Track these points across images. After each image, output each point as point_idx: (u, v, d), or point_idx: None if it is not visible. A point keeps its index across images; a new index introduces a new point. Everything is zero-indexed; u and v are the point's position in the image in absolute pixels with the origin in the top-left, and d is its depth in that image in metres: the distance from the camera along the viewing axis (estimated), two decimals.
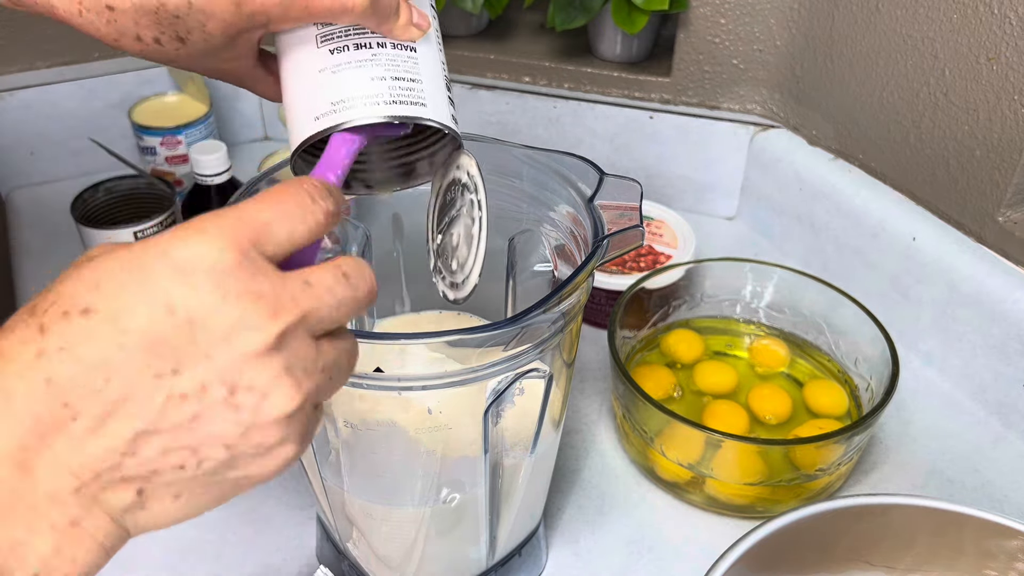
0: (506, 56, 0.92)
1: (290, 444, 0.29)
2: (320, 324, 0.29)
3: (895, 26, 0.70)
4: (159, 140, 0.89)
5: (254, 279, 0.27)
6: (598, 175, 0.47)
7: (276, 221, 0.29)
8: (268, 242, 0.28)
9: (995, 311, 0.66)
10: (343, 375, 0.31)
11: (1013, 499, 0.63)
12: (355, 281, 0.30)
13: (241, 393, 0.27)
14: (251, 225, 0.28)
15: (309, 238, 0.30)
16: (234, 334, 0.27)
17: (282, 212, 0.29)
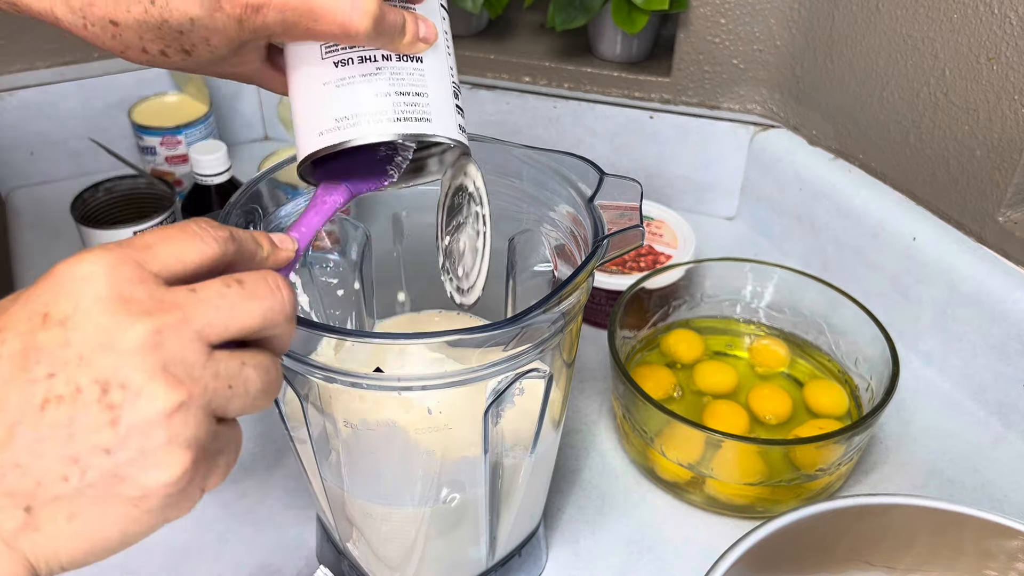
0: (506, 56, 0.92)
1: (178, 450, 0.27)
2: (210, 328, 0.29)
3: (895, 26, 0.70)
4: (159, 140, 0.89)
5: (131, 284, 0.28)
6: (598, 175, 0.47)
7: (161, 243, 0.29)
8: (153, 260, 0.29)
9: (995, 311, 0.66)
10: (253, 389, 0.30)
11: (1013, 499, 0.63)
12: (251, 288, 0.30)
13: (114, 391, 0.26)
14: (135, 246, 0.29)
15: (199, 260, 0.30)
16: (108, 334, 0.27)
17: (167, 237, 0.30)
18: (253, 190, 0.47)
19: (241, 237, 0.32)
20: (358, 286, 0.56)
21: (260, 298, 0.30)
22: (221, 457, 0.30)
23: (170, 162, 0.90)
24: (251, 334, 0.30)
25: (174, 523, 0.62)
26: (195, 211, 0.75)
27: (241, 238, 0.32)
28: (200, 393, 0.28)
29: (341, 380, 0.40)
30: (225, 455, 0.30)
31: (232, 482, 0.63)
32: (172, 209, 0.74)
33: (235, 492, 0.63)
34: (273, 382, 0.31)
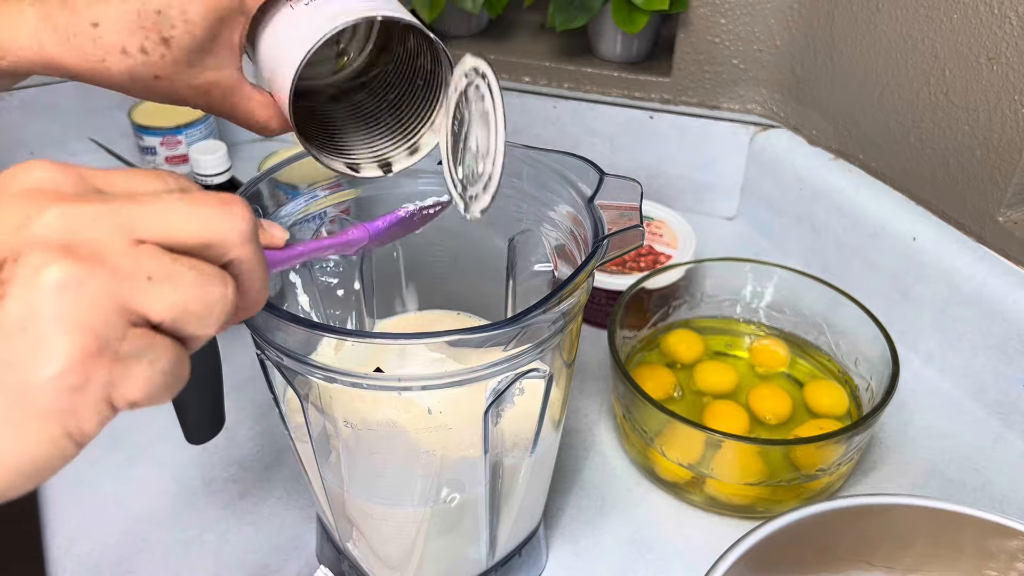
0: (506, 56, 0.92)
1: (66, 332, 0.24)
2: (137, 224, 0.26)
3: (895, 26, 0.70)
4: (159, 140, 0.89)
5: (67, 184, 0.26)
6: (598, 175, 0.47)
7: (109, 173, 0.28)
8: (101, 179, 0.27)
9: (995, 311, 0.66)
10: (186, 291, 0.26)
11: (1013, 499, 0.63)
12: (197, 198, 0.27)
13: (7, 267, 0.24)
14: (86, 170, 0.28)
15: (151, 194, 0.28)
16: (22, 218, 0.25)
17: (119, 171, 0.29)
18: (253, 190, 0.47)
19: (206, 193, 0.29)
20: (358, 286, 0.56)
21: (206, 208, 0.27)
22: (137, 364, 0.25)
23: (170, 162, 0.90)
24: (196, 248, 0.27)
25: (174, 523, 0.62)
26: None
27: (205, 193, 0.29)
28: (106, 275, 0.25)
29: (341, 380, 0.40)
30: (145, 362, 0.26)
31: (232, 482, 0.63)
32: None
33: (235, 492, 0.63)
34: (217, 297, 0.27)
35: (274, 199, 0.48)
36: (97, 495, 0.62)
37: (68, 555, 0.58)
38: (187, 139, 0.90)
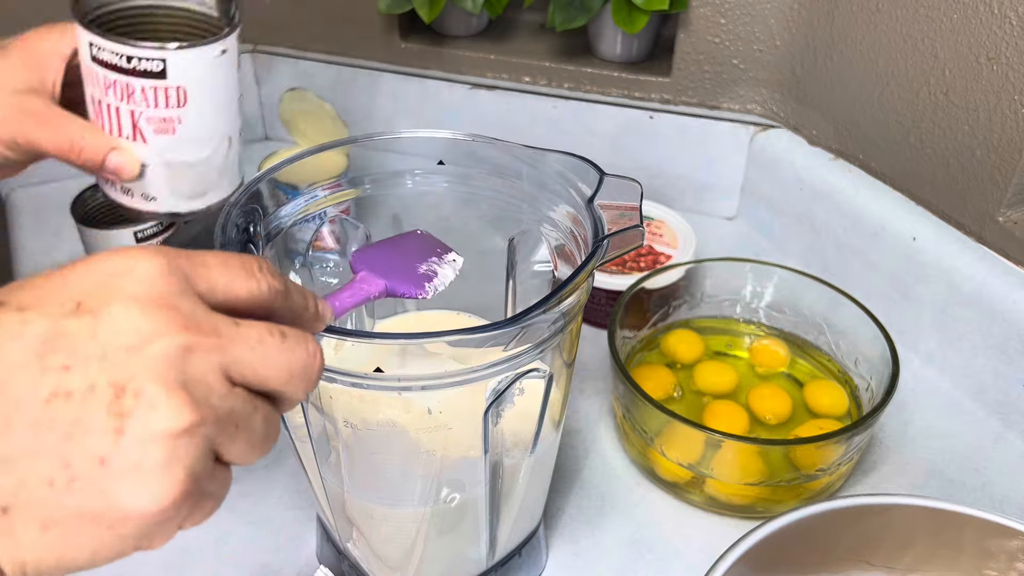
0: (506, 56, 0.92)
1: (173, 475, 0.25)
2: (237, 366, 0.28)
3: (895, 26, 0.70)
4: None
5: (176, 296, 0.27)
6: (598, 175, 0.47)
7: (217, 267, 0.28)
8: (202, 280, 0.28)
9: (995, 311, 0.66)
10: (256, 436, 0.29)
11: (1013, 499, 0.63)
12: (292, 345, 0.29)
13: (127, 398, 0.25)
14: (191, 260, 0.28)
15: (248, 298, 0.29)
16: (139, 336, 0.25)
17: (224, 263, 0.29)
18: (253, 190, 0.47)
19: (293, 291, 0.31)
20: None
21: (296, 358, 0.29)
22: (208, 500, 0.28)
23: None
24: (272, 388, 0.29)
25: None
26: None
27: (293, 292, 0.31)
28: (212, 422, 0.27)
29: (341, 380, 0.40)
30: (213, 499, 0.29)
31: (232, 482, 0.63)
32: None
33: (235, 492, 0.62)
34: (273, 435, 0.30)
35: (274, 199, 0.48)
36: None
37: None
38: None
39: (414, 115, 0.98)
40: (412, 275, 0.45)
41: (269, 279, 0.30)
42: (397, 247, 0.46)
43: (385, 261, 0.44)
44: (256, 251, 0.46)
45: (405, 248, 0.47)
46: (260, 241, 0.47)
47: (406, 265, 0.45)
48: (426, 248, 0.48)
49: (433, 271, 0.46)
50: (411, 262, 0.46)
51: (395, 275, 0.44)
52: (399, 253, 0.46)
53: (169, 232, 0.74)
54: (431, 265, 0.46)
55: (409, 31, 0.96)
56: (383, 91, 0.98)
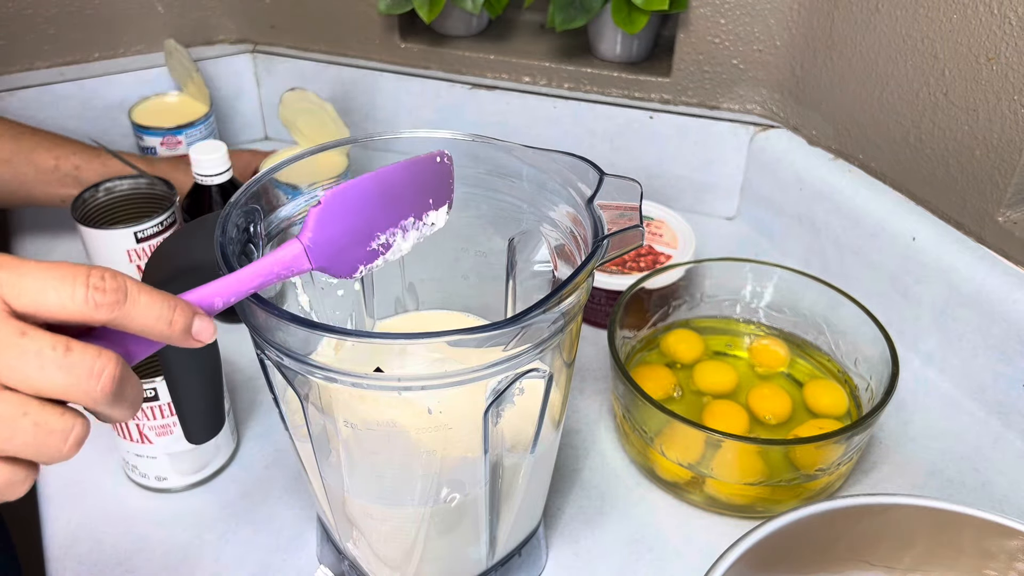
0: (506, 56, 0.92)
1: None
2: (9, 372, 0.30)
3: (895, 26, 0.70)
4: (159, 140, 0.89)
5: None
6: (598, 175, 0.47)
7: (31, 273, 0.31)
8: (13, 286, 0.30)
9: (995, 311, 0.66)
10: (27, 438, 0.31)
11: (1013, 499, 0.63)
12: (74, 361, 0.31)
13: None
14: (12, 265, 0.30)
15: (57, 306, 0.31)
16: None
17: (43, 275, 0.31)
18: (253, 190, 0.47)
19: (141, 303, 0.32)
20: (358, 286, 0.56)
21: (77, 374, 0.31)
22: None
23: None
24: (54, 396, 0.31)
25: (174, 523, 0.62)
26: (195, 212, 0.75)
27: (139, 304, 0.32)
28: None
29: (341, 380, 0.40)
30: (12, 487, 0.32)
31: (232, 482, 0.63)
32: (172, 209, 0.74)
33: (235, 492, 0.63)
34: (58, 448, 0.32)
35: (274, 199, 0.48)
36: (97, 495, 0.62)
37: (68, 555, 0.58)
38: (187, 139, 0.90)
39: (414, 115, 0.98)
40: (358, 252, 0.43)
41: (92, 291, 0.31)
42: (384, 192, 0.43)
43: (346, 221, 0.41)
44: (256, 251, 0.46)
45: (391, 194, 0.43)
46: (260, 241, 0.47)
47: (364, 232, 0.43)
48: (417, 196, 0.45)
49: (387, 244, 0.44)
50: (376, 226, 0.43)
51: (338, 251, 0.41)
52: (375, 206, 0.43)
53: (170, 232, 0.74)
54: (392, 235, 0.44)
55: (409, 31, 0.96)
56: (383, 91, 0.98)
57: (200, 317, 0.35)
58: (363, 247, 0.43)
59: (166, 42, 0.95)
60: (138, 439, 0.59)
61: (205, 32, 0.99)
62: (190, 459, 0.61)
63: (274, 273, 0.39)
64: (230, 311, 0.57)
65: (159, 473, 0.61)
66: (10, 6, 0.89)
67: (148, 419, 0.59)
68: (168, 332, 0.34)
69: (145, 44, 0.96)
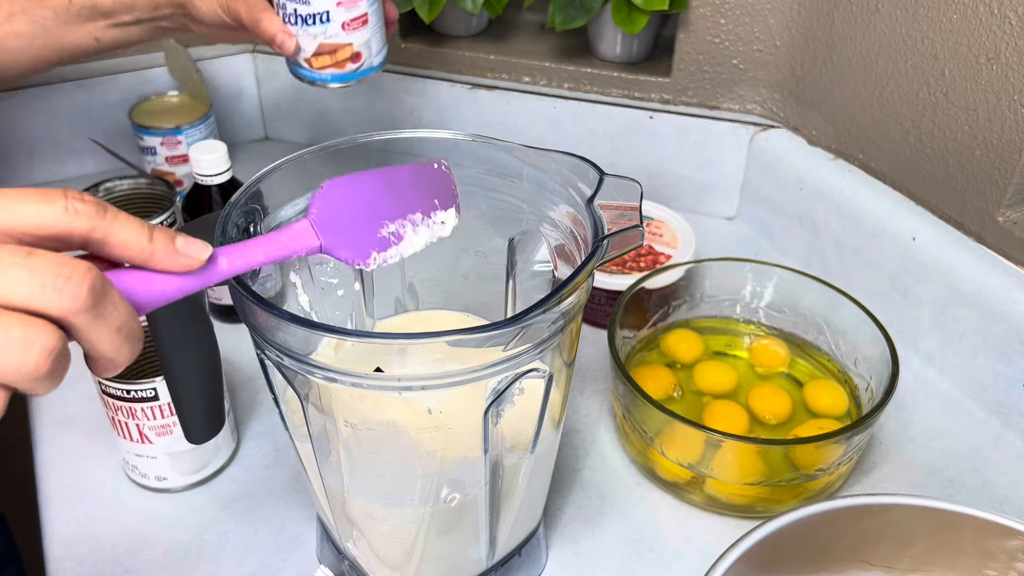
0: (506, 56, 0.92)
1: None
2: None
3: (895, 26, 0.70)
4: (159, 140, 0.89)
5: None
6: (598, 175, 0.47)
7: (12, 195, 0.30)
8: None
9: (995, 311, 0.66)
10: None
11: (1013, 499, 0.63)
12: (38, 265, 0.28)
13: None
14: None
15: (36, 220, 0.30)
16: None
17: (23, 191, 0.30)
18: (253, 190, 0.47)
19: (114, 218, 0.31)
20: (358, 286, 0.56)
21: (39, 279, 0.28)
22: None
23: (170, 162, 0.90)
24: (16, 304, 0.28)
25: (175, 523, 0.62)
26: (195, 212, 0.75)
27: (113, 219, 0.31)
28: None
29: (341, 380, 0.40)
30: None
31: (232, 482, 0.63)
32: (172, 209, 0.74)
33: (235, 492, 0.63)
34: (17, 355, 0.28)
35: (275, 200, 0.48)
36: (97, 495, 0.62)
37: (68, 555, 0.58)
38: (187, 139, 0.90)
39: (414, 115, 0.98)
40: (368, 235, 0.41)
41: (71, 201, 0.30)
42: (388, 186, 0.42)
43: (352, 205, 0.41)
44: None
45: (395, 190, 0.43)
46: None
47: (372, 218, 0.41)
48: (421, 196, 0.44)
49: (398, 235, 0.42)
50: (383, 214, 0.42)
51: (347, 230, 0.40)
52: (380, 197, 0.42)
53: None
54: (402, 226, 0.43)
55: (409, 31, 0.96)
56: (383, 91, 0.98)
57: (184, 236, 0.33)
58: (372, 232, 0.42)
59: (166, 42, 0.95)
60: (138, 439, 0.59)
61: None
62: (190, 459, 0.61)
63: (281, 245, 0.37)
64: (230, 311, 0.58)
65: (159, 473, 0.61)
66: None
67: (148, 419, 0.59)
68: (151, 248, 0.32)
69: (145, 44, 0.96)
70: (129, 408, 0.59)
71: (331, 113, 1.02)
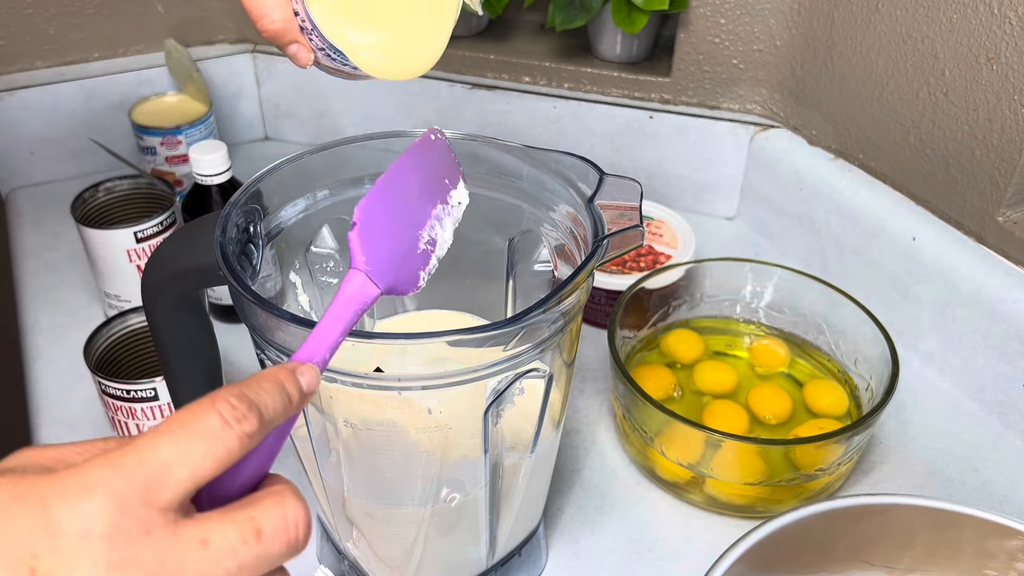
0: (506, 56, 0.92)
1: None
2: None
3: (895, 26, 0.70)
4: (159, 140, 0.89)
5: (133, 544, 0.25)
6: (598, 175, 0.47)
7: (176, 462, 0.26)
8: (164, 488, 0.26)
9: (995, 311, 0.66)
10: None
11: (1013, 499, 0.63)
12: (269, 540, 0.28)
13: None
14: (144, 473, 0.26)
15: (217, 470, 0.27)
16: None
17: (185, 447, 0.27)
18: (253, 190, 0.47)
19: (271, 416, 0.29)
20: None
21: (272, 551, 0.28)
22: None
23: (170, 162, 0.90)
24: None
25: None
26: (195, 212, 0.75)
27: (271, 418, 0.29)
28: None
29: (341, 380, 0.40)
30: None
31: None
32: (172, 209, 0.74)
33: None
34: None
35: (275, 200, 0.48)
36: None
37: None
38: (187, 139, 0.90)
39: (414, 115, 0.98)
40: (411, 258, 0.40)
41: (238, 430, 0.28)
42: (404, 190, 0.40)
43: (388, 232, 0.39)
44: (256, 251, 0.46)
45: (411, 190, 0.41)
46: (260, 241, 0.47)
47: (408, 237, 0.40)
48: (433, 182, 0.43)
49: (432, 240, 0.41)
50: (415, 225, 0.40)
51: (395, 262, 0.38)
52: (404, 207, 0.40)
53: (170, 232, 0.74)
54: (432, 229, 0.41)
55: None
56: (384, 91, 0.98)
57: (300, 370, 0.32)
58: (414, 251, 0.40)
59: (166, 42, 0.95)
60: None
61: (205, 32, 0.99)
62: None
63: (352, 311, 0.36)
64: (230, 311, 0.57)
65: None
66: (10, 6, 0.89)
67: (148, 419, 0.59)
68: (293, 407, 0.31)
69: (145, 44, 0.96)
70: (129, 408, 0.59)
71: (331, 113, 1.02)
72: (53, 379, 0.72)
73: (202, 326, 0.50)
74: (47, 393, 0.70)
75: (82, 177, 0.96)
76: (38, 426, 0.68)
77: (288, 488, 0.30)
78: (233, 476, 0.30)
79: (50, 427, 0.67)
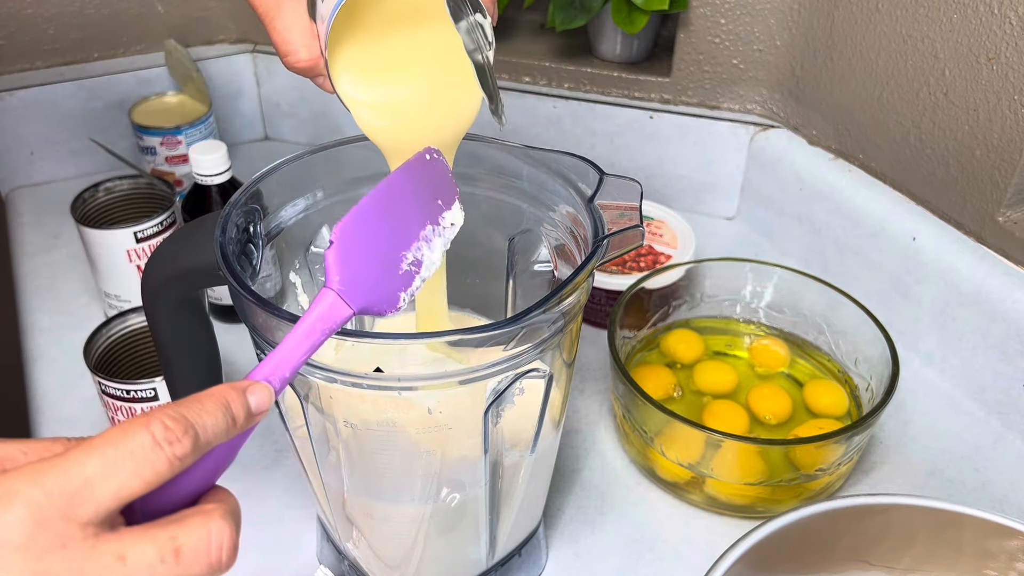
0: (506, 56, 0.92)
1: None
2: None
3: (895, 26, 0.70)
4: (159, 140, 0.89)
5: (48, 556, 0.25)
6: (598, 175, 0.47)
7: (100, 479, 0.26)
8: (86, 504, 0.26)
9: (995, 311, 0.66)
10: None
11: (1013, 499, 0.63)
12: (188, 560, 0.27)
13: None
14: (66, 488, 0.26)
15: (145, 489, 0.27)
16: None
17: (111, 465, 0.27)
18: (253, 190, 0.47)
19: (208, 438, 0.29)
20: None
21: (195, 573, 0.28)
22: None
23: (170, 162, 0.90)
24: None
25: None
26: (195, 212, 0.75)
27: (208, 440, 0.29)
28: None
29: (341, 380, 0.40)
30: None
31: (232, 482, 0.63)
32: (172, 209, 0.74)
33: (235, 492, 0.62)
34: None
35: (275, 200, 0.48)
36: None
37: None
38: (187, 139, 0.90)
39: None
40: (391, 279, 0.39)
41: (169, 452, 0.28)
42: (391, 209, 0.40)
43: (368, 252, 0.38)
44: (256, 251, 0.46)
45: (399, 209, 0.40)
46: (260, 241, 0.47)
47: (390, 257, 0.39)
48: (425, 203, 0.42)
49: (418, 261, 0.40)
50: (399, 246, 0.39)
51: (371, 284, 0.38)
52: (389, 227, 0.39)
53: (170, 232, 0.74)
54: (418, 249, 0.40)
55: None
56: None
57: (251, 389, 0.32)
58: (394, 272, 0.39)
59: (166, 42, 0.95)
60: None
61: (205, 32, 0.99)
62: None
63: (319, 331, 0.35)
64: (230, 311, 0.57)
65: None
66: (10, 6, 0.89)
67: None
68: (238, 428, 0.31)
69: (145, 44, 0.96)
70: (129, 408, 0.59)
71: (331, 113, 1.02)
72: (53, 379, 0.72)
73: (202, 326, 0.50)
74: (47, 393, 0.70)
75: (82, 177, 0.96)
76: (38, 425, 0.68)
77: (220, 507, 0.29)
78: (170, 490, 0.29)
79: (50, 427, 0.67)
